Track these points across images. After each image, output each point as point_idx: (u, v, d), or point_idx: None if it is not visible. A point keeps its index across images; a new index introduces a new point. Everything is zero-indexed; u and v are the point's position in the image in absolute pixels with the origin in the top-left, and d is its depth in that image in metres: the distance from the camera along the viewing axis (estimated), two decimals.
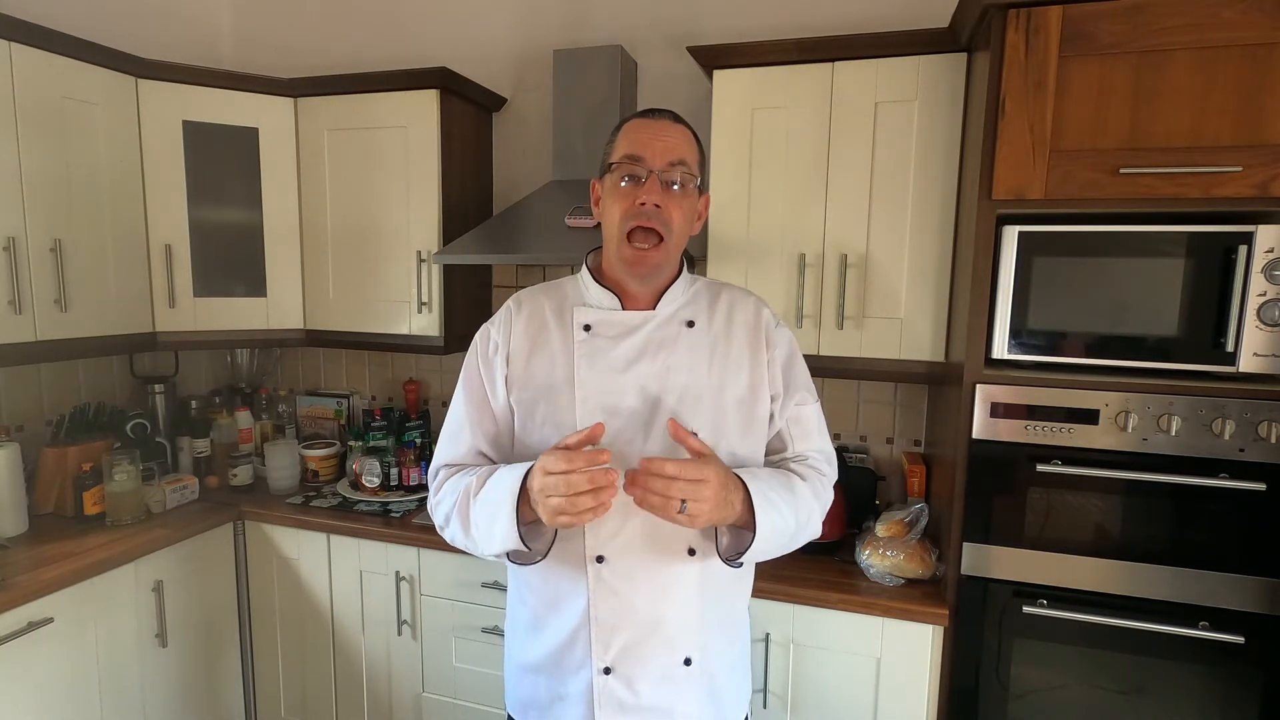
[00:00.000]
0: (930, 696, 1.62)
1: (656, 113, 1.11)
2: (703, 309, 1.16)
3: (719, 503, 0.97)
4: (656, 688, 1.11)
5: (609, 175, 1.09)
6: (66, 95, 1.83)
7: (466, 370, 1.19)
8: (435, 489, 1.18)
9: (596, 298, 1.15)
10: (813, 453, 1.19)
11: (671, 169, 1.06)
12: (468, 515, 1.08)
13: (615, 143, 1.10)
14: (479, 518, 1.07)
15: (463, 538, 1.12)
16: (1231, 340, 1.36)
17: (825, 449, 1.21)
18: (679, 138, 1.08)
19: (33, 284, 1.77)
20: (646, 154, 1.05)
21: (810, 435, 1.19)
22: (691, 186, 1.08)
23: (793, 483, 1.11)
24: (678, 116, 1.11)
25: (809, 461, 1.18)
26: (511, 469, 1.05)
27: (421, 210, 2.11)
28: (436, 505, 1.17)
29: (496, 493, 1.04)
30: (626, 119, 1.12)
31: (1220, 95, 1.32)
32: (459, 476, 1.14)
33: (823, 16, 2.01)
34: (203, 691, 2.08)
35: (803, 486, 1.12)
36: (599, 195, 1.14)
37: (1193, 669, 1.45)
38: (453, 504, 1.11)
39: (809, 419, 1.19)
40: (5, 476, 1.86)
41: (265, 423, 2.47)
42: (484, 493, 1.07)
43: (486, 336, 1.18)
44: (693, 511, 0.95)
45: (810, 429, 1.19)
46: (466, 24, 2.34)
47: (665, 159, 1.05)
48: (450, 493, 1.13)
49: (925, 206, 1.71)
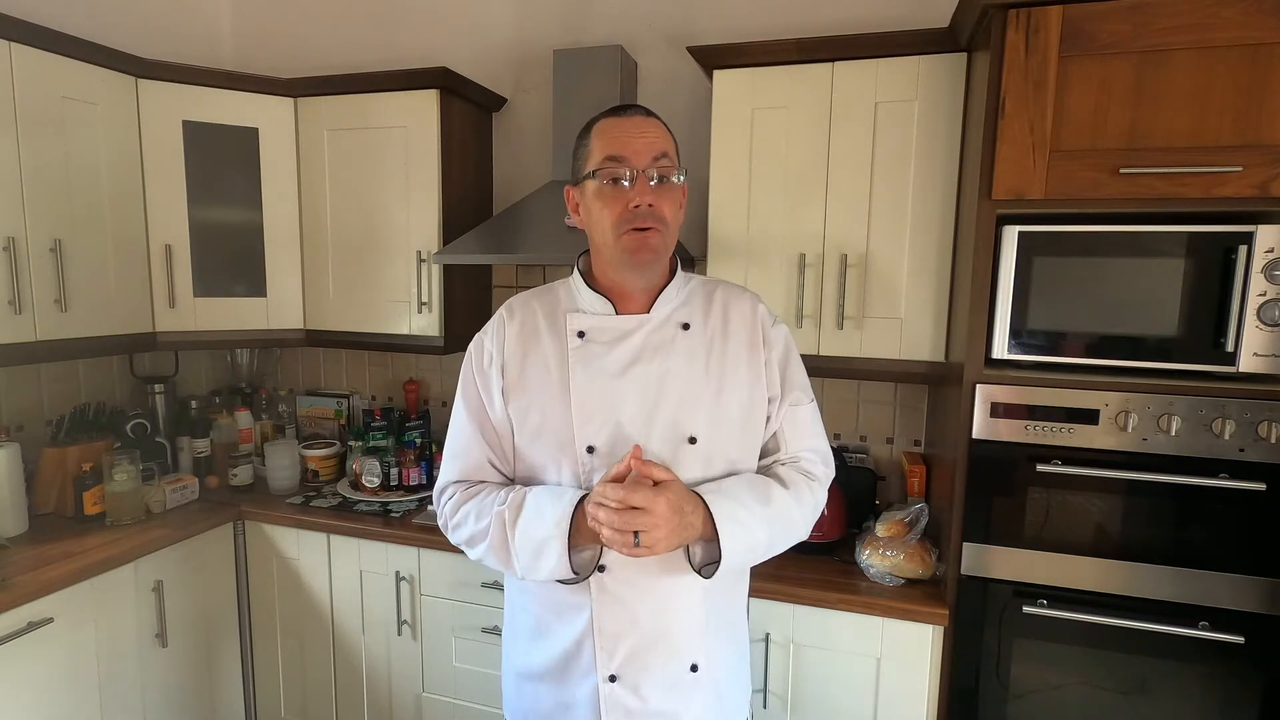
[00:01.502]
0: (930, 696, 1.61)
1: (627, 109, 1.08)
2: (698, 310, 1.14)
3: (673, 529, 0.97)
4: (664, 694, 1.10)
5: (590, 181, 1.06)
6: (66, 95, 1.83)
7: (464, 383, 1.17)
8: (452, 510, 1.15)
9: (589, 303, 1.13)
10: (806, 453, 1.17)
11: (655, 165, 1.04)
12: (507, 545, 1.07)
13: (589, 146, 1.07)
14: (522, 548, 1.06)
15: (495, 562, 1.10)
16: (1231, 340, 1.36)
17: (820, 448, 1.20)
18: (656, 131, 1.06)
19: (33, 284, 1.77)
20: (628, 154, 1.03)
21: (804, 436, 1.17)
22: (674, 178, 1.06)
23: (770, 491, 1.09)
24: (648, 110, 1.09)
25: (800, 463, 1.17)
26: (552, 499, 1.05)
27: (421, 210, 2.10)
28: (455, 526, 1.15)
29: (541, 527, 1.04)
30: (595, 120, 1.09)
31: (1220, 95, 1.32)
32: (480, 499, 1.12)
33: (822, 16, 2.00)
34: (203, 691, 2.08)
35: (781, 494, 1.10)
36: (576, 202, 1.11)
37: (1193, 669, 1.45)
38: (480, 529, 1.10)
39: (804, 420, 1.17)
40: (5, 476, 1.86)
41: (265, 423, 2.47)
42: (525, 524, 1.06)
43: (480, 347, 1.16)
44: (647, 542, 0.96)
45: (804, 429, 1.17)
46: (466, 24, 2.34)
47: (649, 156, 1.03)
48: (475, 517, 1.11)
49: (925, 206, 1.71)
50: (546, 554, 1.03)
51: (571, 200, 1.13)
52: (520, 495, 1.09)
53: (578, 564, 1.05)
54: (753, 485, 1.10)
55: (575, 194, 1.11)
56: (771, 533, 1.08)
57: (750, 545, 1.06)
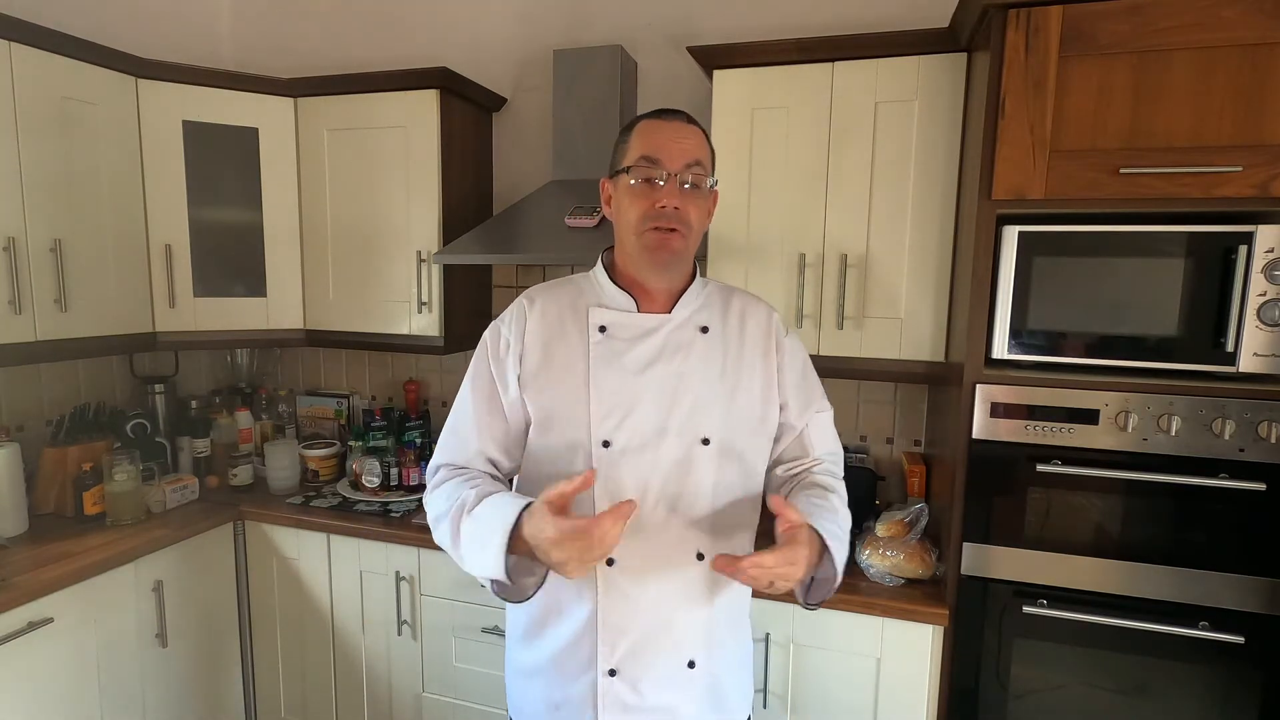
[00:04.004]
0: (930, 696, 1.61)
1: (670, 113, 1.10)
2: (716, 314, 1.16)
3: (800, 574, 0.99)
4: (661, 689, 1.11)
5: (623, 176, 1.08)
6: (66, 95, 1.83)
7: (475, 368, 1.17)
8: (433, 486, 1.15)
9: (612, 298, 1.14)
10: (828, 455, 1.23)
11: (687, 170, 1.05)
12: (458, 529, 1.05)
13: (629, 143, 1.09)
14: (468, 536, 1.03)
15: (450, 547, 1.09)
16: (1231, 340, 1.36)
17: (837, 450, 1.26)
18: (694, 139, 1.08)
19: (33, 284, 1.77)
20: (663, 156, 1.05)
21: (826, 440, 1.23)
22: (706, 186, 1.09)
23: (834, 504, 1.13)
24: (690, 117, 1.11)
25: (825, 465, 1.22)
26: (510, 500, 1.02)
27: (421, 210, 2.10)
28: (430, 503, 1.14)
29: (489, 521, 1.00)
30: (639, 118, 1.11)
31: (1220, 95, 1.32)
32: (458, 483, 1.11)
33: (822, 16, 2.01)
34: (203, 691, 2.08)
35: (840, 505, 1.15)
36: (609, 194, 1.13)
37: (1193, 669, 1.45)
38: (446, 509, 1.08)
39: (826, 425, 1.23)
40: (5, 476, 1.86)
41: (265, 423, 2.47)
42: (479, 511, 1.03)
43: (497, 334, 1.16)
44: (782, 589, 0.98)
45: (828, 435, 1.24)
46: (466, 24, 2.34)
47: (682, 161, 1.05)
48: (446, 497, 1.10)
49: (925, 206, 1.71)
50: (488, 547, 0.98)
51: (605, 192, 1.14)
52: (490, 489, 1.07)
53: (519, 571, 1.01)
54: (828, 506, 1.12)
55: (609, 186, 1.13)
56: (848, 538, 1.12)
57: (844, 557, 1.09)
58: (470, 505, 1.05)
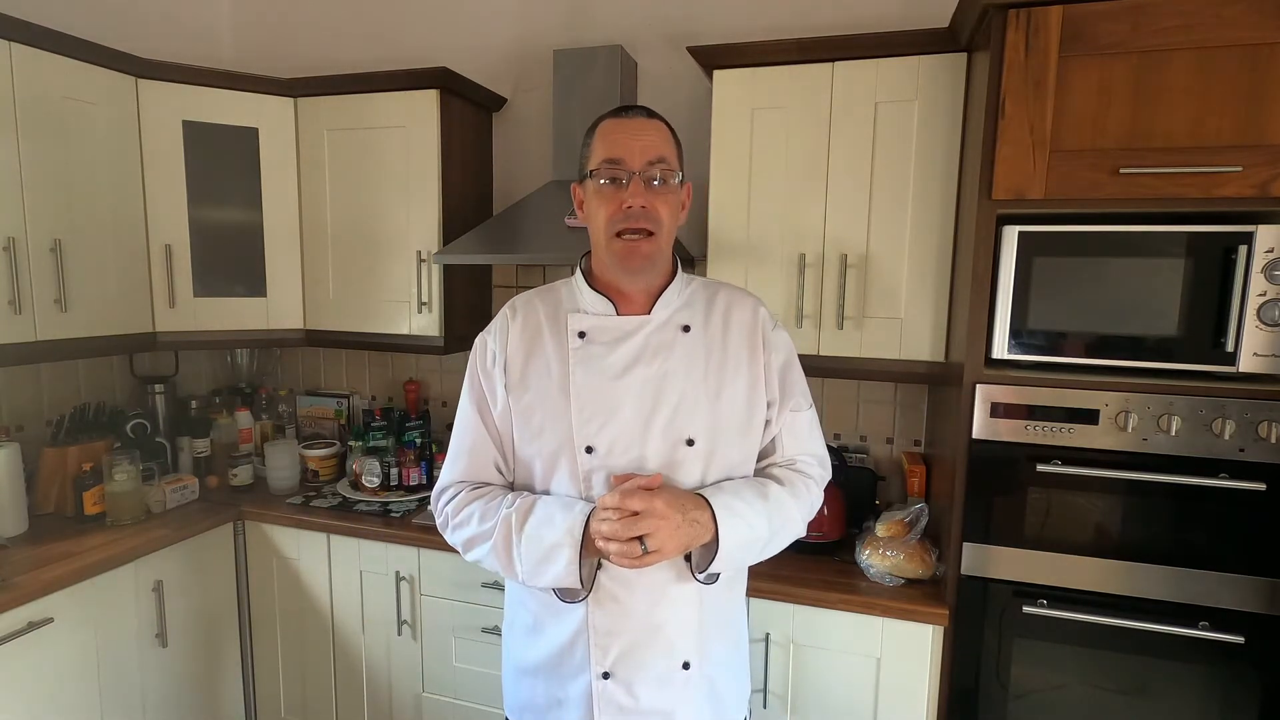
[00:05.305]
0: (930, 696, 1.61)
1: (629, 110, 1.10)
2: (699, 312, 1.15)
3: (677, 526, 0.98)
4: (656, 692, 1.11)
5: (590, 180, 1.08)
6: (66, 95, 1.83)
7: (470, 384, 1.18)
8: (455, 509, 1.15)
9: (590, 303, 1.14)
10: (802, 455, 1.19)
11: (651, 168, 1.05)
12: (510, 548, 1.07)
13: (592, 146, 1.09)
14: (528, 552, 1.05)
15: (495, 564, 1.10)
16: (1231, 340, 1.36)
17: (817, 451, 1.21)
18: (656, 134, 1.07)
19: (33, 284, 1.77)
20: (625, 155, 1.05)
21: (802, 440, 1.19)
22: (673, 181, 1.08)
23: (767, 488, 1.11)
24: (651, 111, 1.10)
25: (796, 465, 1.18)
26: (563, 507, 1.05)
27: (421, 210, 2.10)
28: (457, 526, 1.14)
29: (552, 532, 1.04)
30: (600, 120, 1.11)
31: (1220, 95, 1.32)
32: (486, 501, 1.12)
33: (822, 16, 2.00)
34: (203, 691, 2.08)
35: (778, 491, 1.12)
36: (581, 199, 1.13)
37: (1193, 669, 1.45)
38: (484, 530, 1.09)
39: (802, 426, 1.19)
40: (5, 476, 1.86)
41: (265, 423, 2.47)
42: (533, 528, 1.05)
43: (484, 347, 1.17)
44: (654, 545, 0.97)
45: (803, 435, 1.19)
46: (466, 24, 2.34)
47: (644, 159, 1.05)
48: (479, 519, 1.11)
49: (925, 206, 1.71)
50: (555, 559, 1.03)
51: (577, 197, 1.15)
52: (530, 501, 1.09)
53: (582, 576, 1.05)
54: (749, 483, 1.12)
55: (580, 191, 1.14)
56: (771, 526, 1.09)
57: (750, 539, 1.06)
58: (517, 523, 1.07)
